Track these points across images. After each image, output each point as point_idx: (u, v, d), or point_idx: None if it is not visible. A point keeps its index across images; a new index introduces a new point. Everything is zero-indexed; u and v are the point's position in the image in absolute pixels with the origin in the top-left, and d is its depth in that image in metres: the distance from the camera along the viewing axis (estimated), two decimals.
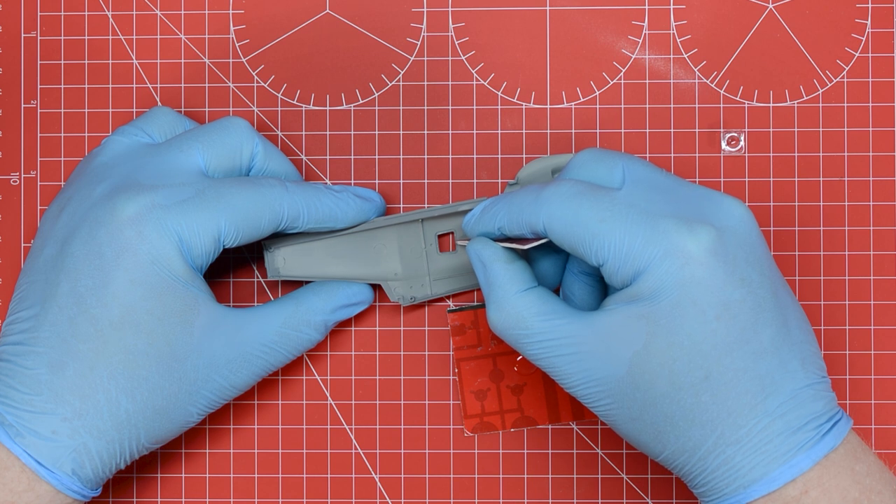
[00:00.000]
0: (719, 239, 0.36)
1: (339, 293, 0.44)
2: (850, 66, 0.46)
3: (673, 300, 0.36)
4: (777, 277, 0.38)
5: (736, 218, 0.37)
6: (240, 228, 0.40)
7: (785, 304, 0.38)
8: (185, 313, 0.39)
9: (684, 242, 0.36)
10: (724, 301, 0.36)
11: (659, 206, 0.37)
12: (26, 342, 0.39)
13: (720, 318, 0.36)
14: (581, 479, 0.46)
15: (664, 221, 0.36)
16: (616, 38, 0.47)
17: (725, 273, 0.36)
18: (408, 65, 0.47)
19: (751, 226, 0.38)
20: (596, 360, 0.37)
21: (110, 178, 0.41)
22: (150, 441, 0.40)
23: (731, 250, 0.36)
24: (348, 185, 0.46)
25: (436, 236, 0.45)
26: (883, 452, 0.46)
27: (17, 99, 0.47)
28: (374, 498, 0.47)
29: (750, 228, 0.38)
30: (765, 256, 0.38)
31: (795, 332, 0.37)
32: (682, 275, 0.36)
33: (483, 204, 0.41)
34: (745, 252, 0.37)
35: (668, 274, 0.36)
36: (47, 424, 0.38)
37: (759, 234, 0.38)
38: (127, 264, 0.38)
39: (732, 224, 0.37)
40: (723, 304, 0.36)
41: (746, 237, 0.37)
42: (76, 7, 0.47)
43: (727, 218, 0.37)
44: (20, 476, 0.38)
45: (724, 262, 0.36)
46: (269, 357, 0.42)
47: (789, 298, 0.38)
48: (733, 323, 0.36)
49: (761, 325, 0.36)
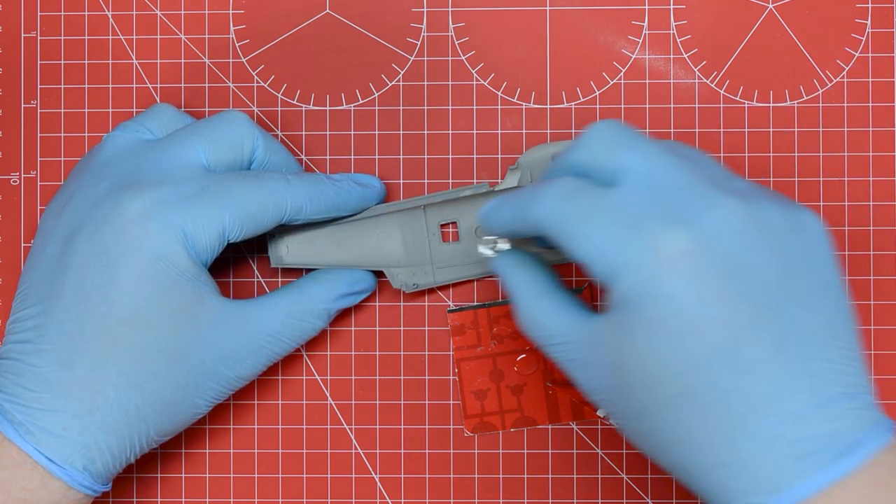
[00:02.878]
0: (696, 251, 0.33)
1: (342, 281, 0.44)
2: (850, 66, 0.46)
3: (645, 312, 0.34)
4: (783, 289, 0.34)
5: (719, 227, 0.34)
6: (244, 223, 0.40)
7: (789, 318, 0.34)
8: (191, 307, 0.39)
9: (656, 252, 0.34)
10: (697, 318, 0.33)
11: (647, 208, 0.35)
12: (33, 340, 0.39)
13: (692, 336, 0.33)
14: (581, 479, 0.46)
15: (641, 229, 0.34)
16: (616, 38, 0.47)
17: (699, 289, 0.33)
18: (408, 65, 0.47)
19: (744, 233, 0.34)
20: (591, 367, 0.36)
21: (113, 175, 0.41)
22: (158, 434, 0.40)
23: (712, 263, 0.33)
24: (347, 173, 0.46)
25: (438, 226, 0.45)
26: None
27: (17, 99, 0.47)
28: (374, 498, 0.47)
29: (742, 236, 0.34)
30: (761, 268, 0.34)
31: (803, 347, 0.34)
32: (651, 287, 0.34)
33: (492, 203, 0.40)
34: (730, 265, 0.34)
35: (636, 285, 0.34)
36: (57, 422, 0.38)
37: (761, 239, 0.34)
38: (133, 261, 0.39)
39: (719, 233, 0.34)
40: (695, 321, 0.33)
41: (737, 247, 0.34)
42: (76, 7, 0.47)
43: (714, 225, 0.34)
44: (32, 473, 0.38)
45: (699, 276, 0.33)
46: (275, 346, 0.42)
47: (803, 311, 0.34)
48: (709, 340, 0.33)
49: (748, 343, 0.33)
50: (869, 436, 0.33)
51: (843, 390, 0.34)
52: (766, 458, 0.33)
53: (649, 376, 0.34)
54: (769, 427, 0.33)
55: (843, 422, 0.33)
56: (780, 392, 0.33)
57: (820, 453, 0.33)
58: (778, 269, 0.34)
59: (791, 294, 0.34)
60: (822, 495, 0.33)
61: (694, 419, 0.34)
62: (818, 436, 0.33)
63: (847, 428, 0.33)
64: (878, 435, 0.34)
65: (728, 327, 0.33)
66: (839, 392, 0.34)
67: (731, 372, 0.33)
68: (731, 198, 0.35)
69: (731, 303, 0.33)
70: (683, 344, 0.33)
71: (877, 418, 0.34)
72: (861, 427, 0.33)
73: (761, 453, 0.33)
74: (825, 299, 0.35)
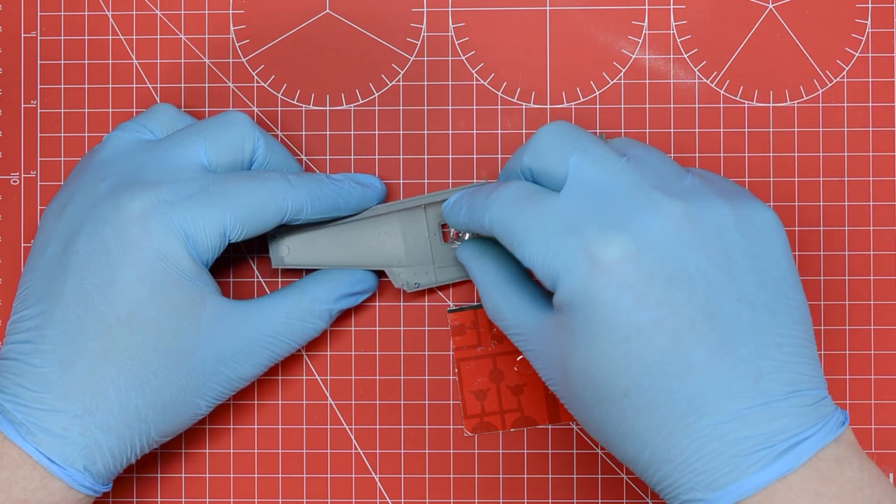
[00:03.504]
0: (633, 256, 0.34)
1: (343, 281, 0.44)
2: (850, 66, 0.46)
3: (583, 316, 0.35)
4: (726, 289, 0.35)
5: (658, 231, 0.34)
6: (244, 223, 0.40)
7: (732, 318, 0.34)
8: (192, 308, 0.39)
9: (593, 259, 0.34)
10: (635, 322, 0.34)
11: (586, 214, 0.35)
12: (34, 340, 0.39)
13: (631, 339, 0.34)
14: (581, 479, 0.46)
15: (578, 236, 0.35)
16: (616, 38, 0.47)
17: (636, 294, 0.34)
18: (408, 65, 0.47)
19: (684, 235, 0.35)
20: (545, 359, 0.38)
21: (113, 174, 0.41)
22: (159, 435, 0.40)
23: (649, 268, 0.34)
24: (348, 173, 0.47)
25: (439, 225, 0.45)
26: (883, 453, 0.46)
27: (17, 99, 0.47)
28: (374, 498, 0.47)
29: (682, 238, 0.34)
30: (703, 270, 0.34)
31: (748, 347, 0.34)
32: (588, 293, 0.34)
33: (451, 200, 0.42)
34: (670, 268, 0.34)
35: (575, 291, 0.35)
36: (58, 422, 0.38)
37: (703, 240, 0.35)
38: (133, 261, 0.39)
39: (657, 237, 0.34)
40: (633, 326, 0.34)
41: (676, 250, 0.34)
42: (76, 7, 0.47)
43: (652, 230, 0.34)
44: (32, 474, 0.38)
45: (636, 281, 0.34)
46: (275, 347, 0.42)
47: (748, 310, 0.35)
48: (648, 344, 0.34)
49: (688, 345, 0.34)
50: (816, 432, 0.34)
51: (790, 388, 0.34)
52: (707, 457, 0.34)
53: (592, 376, 0.35)
54: (711, 427, 0.34)
55: (787, 419, 0.34)
56: (722, 392, 0.34)
57: (762, 451, 0.33)
58: (720, 270, 0.35)
59: (735, 294, 0.35)
60: (764, 493, 0.33)
61: (637, 418, 0.35)
62: (761, 434, 0.34)
63: (792, 425, 0.34)
64: (826, 431, 0.34)
65: (668, 330, 0.34)
66: (785, 390, 0.34)
67: (673, 374, 0.34)
68: (672, 200, 0.35)
69: (670, 306, 0.34)
70: (623, 347, 0.34)
71: (826, 413, 0.35)
72: (807, 424, 0.34)
73: (703, 452, 0.34)
74: (773, 297, 0.35)
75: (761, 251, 0.36)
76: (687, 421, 0.34)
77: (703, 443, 0.34)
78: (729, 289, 0.35)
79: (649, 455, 0.35)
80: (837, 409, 0.35)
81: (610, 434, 0.36)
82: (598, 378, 0.35)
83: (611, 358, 0.34)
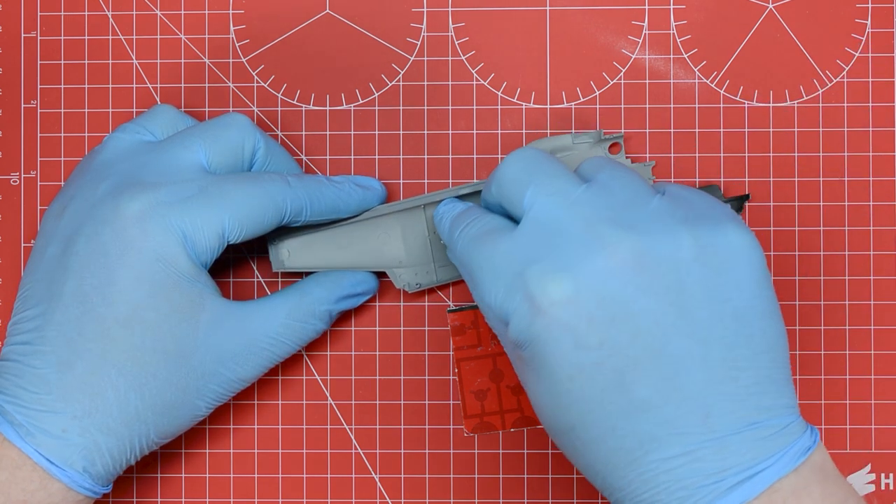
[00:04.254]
0: (571, 299, 0.34)
1: (343, 283, 0.44)
2: (850, 66, 0.46)
3: (530, 353, 0.35)
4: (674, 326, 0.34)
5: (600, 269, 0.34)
6: (243, 224, 0.40)
7: (681, 355, 0.34)
8: (190, 309, 0.39)
9: (533, 302, 0.35)
10: (576, 363, 0.34)
11: (534, 253, 0.36)
12: (33, 342, 0.39)
13: (573, 379, 0.34)
14: (581, 479, 0.46)
15: (521, 278, 0.35)
16: (616, 38, 0.47)
17: (576, 336, 0.34)
18: (408, 65, 0.47)
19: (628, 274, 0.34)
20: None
21: (113, 176, 0.41)
22: (159, 436, 0.40)
23: (590, 309, 0.34)
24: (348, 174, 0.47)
25: None
26: (882, 453, 0.46)
27: (17, 99, 0.47)
28: (374, 498, 0.47)
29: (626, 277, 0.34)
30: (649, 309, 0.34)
31: (696, 384, 0.34)
32: (530, 334, 0.35)
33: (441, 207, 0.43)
34: (612, 309, 0.34)
35: (521, 331, 0.35)
36: (57, 423, 0.38)
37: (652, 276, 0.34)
38: (132, 262, 0.39)
39: (599, 277, 0.34)
40: (575, 366, 0.34)
41: (619, 290, 0.34)
42: (76, 7, 0.47)
43: (595, 269, 0.34)
44: (32, 475, 0.38)
45: (576, 323, 0.34)
46: (275, 349, 0.42)
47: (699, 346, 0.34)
48: (590, 384, 0.34)
49: (631, 384, 0.34)
50: (772, 464, 0.33)
51: (746, 421, 0.34)
52: (654, 490, 0.34)
53: (541, 409, 0.36)
54: (657, 462, 0.34)
55: (739, 454, 0.33)
56: (669, 429, 0.34)
57: (711, 486, 0.33)
58: (670, 306, 0.34)
59: (685, 330, 0.34)
60: None
61: (586, 450, 0.35)
62: (709, 469, 0.33)
63: (744, 459, 0.33)
64: (784, 462, 0.33)
65: (609, 370, 0.34)
66: (739, 424, 0.34)
67: (616, 412, 0.34)
68: (622, 233, 0.35)
69: (611, 347, 0.34)
70: (565, 386, 0.35)
71: (786, 443, 0.34)
72: (761, 456, 0.33)
73: (650, 486, 0.34)
74: (731, 329, 0.34)
75: (722, 281, 0.35)
76: (633, 455, 0.34)
77: (650, 476, 0.34)
78: (679, 325, 0.34)
79: (601, 483, 0.36)
80: (805, 433, 0.34)
81: (569, 458, 0.37)
82: (546, 412, 0.36)
83: (555, 395, 0.35)
